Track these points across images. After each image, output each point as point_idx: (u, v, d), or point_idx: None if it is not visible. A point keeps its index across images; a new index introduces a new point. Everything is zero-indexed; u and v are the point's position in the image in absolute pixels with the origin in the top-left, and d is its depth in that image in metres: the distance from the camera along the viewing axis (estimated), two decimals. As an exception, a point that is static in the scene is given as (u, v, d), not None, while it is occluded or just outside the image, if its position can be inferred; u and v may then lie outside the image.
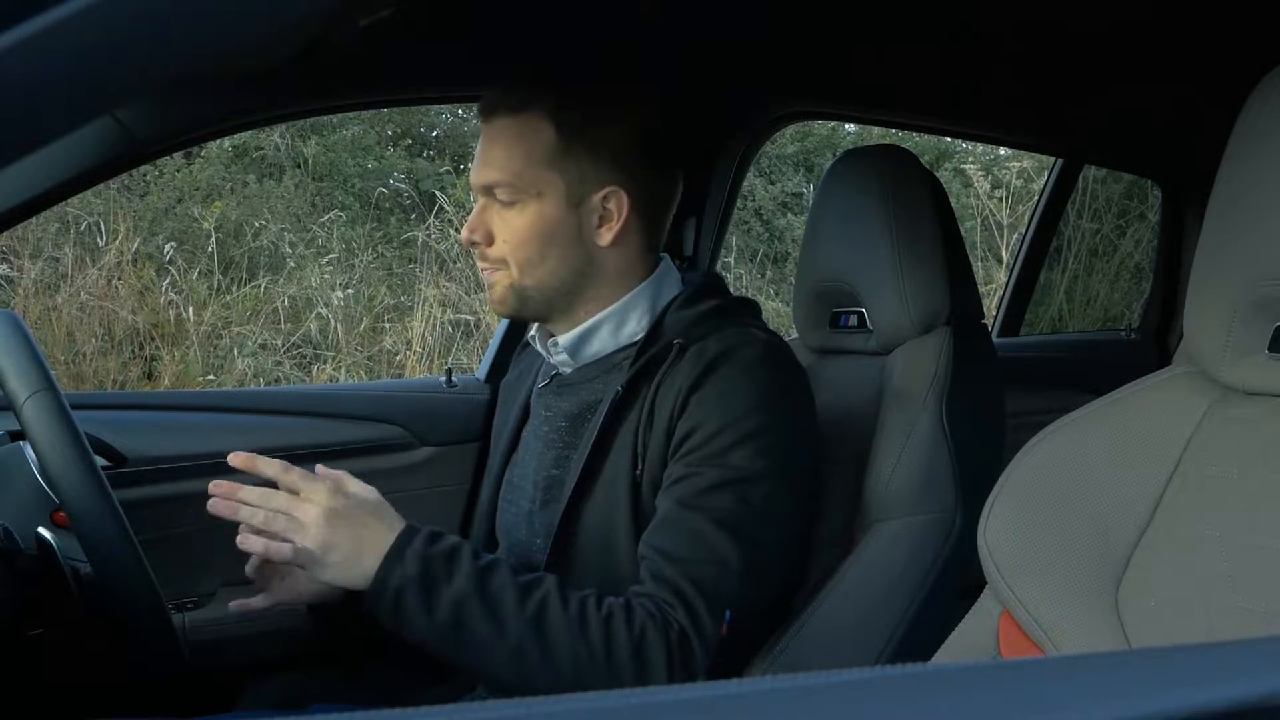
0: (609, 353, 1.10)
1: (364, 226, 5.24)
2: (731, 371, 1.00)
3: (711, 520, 0.95)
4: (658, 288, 1.11)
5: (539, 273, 1.06)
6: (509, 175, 1.04)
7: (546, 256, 1.06)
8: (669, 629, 0.92)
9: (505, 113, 1.05)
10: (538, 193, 1.04)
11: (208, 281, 4.61)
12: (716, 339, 1.03)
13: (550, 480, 1.10)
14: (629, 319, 1.10)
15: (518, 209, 1.05)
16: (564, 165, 1.04)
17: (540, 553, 1.07)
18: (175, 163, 5.16)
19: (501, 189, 1.04)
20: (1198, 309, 0.72)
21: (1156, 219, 2.57)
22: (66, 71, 0.36)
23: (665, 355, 1.03)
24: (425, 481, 1.62)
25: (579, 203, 1.06)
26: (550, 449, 1.12)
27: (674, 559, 0.95)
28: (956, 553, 1.13)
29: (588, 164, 1.05)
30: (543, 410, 1.16)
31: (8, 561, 1.08)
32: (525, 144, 1.04)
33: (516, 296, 1.07)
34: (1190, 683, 0.33)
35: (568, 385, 1.13)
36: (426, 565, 0.91)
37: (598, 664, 0.90)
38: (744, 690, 0.32)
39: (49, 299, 4.20)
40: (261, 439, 1.54)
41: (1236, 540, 0.66)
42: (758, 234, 6.20)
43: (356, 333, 4.58)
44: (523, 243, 1.05)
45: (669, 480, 0.99)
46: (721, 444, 0.97)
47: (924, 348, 1.21)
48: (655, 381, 1.02)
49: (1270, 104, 0.67)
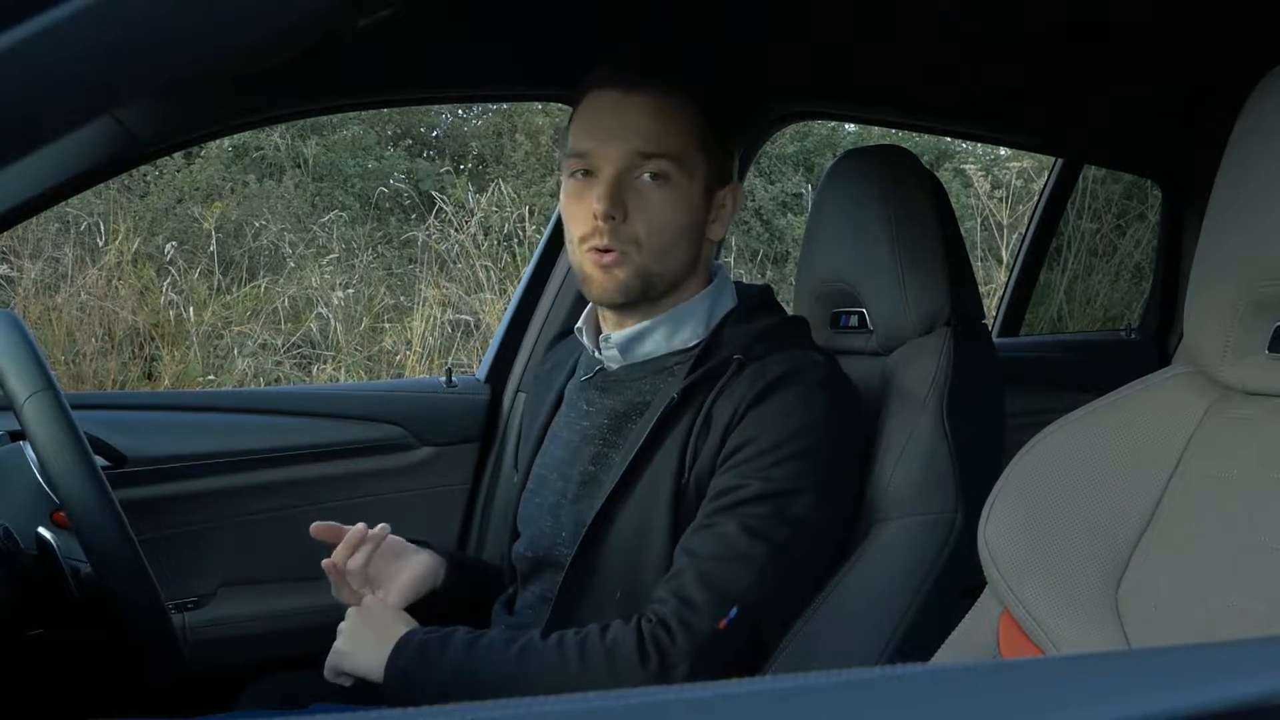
0: (659, 355, 1.09)
1: (364, 226, 5.24)
2: (792, 392, 1.00)
3: (740, 524, 0.96)
4: (716, 296, 1.11)
5: (668, 259, 1.04)
6: (672, 150, 1.01)
7: (678, 242, 1.04)
8: (643, 623, 0.94)
9: (655, 89, 1.01)
10: (690, 174, 1.03)
11: (208, 281, 4.61)
12: (778, 360, 1.02)
13: (585, 476, 1.09)
14: (685, 324, 1.09)
15: (667, 189, 1.02)
16: (711, 153, 1.05)
17: (565, 546, 1.07)
18: (175, 163, 5.16)
19: (657, 162, 1.01)
20: (1198, 309, 0.72)
21: (1156, 219, 2.57)
22: (66, 71, 0.36)
23: (725, 368, 1.02)
24: (425, 481, 1.62)
25: (711, 194, 1.07)
26: (589, 445, 1.11)
27: (692, 555, 0.96)
28: (956, 553, 1.13)
29: (725, 155, 1.07)
30: (583, 404, 1.14)
31: (8, 561, 1.08)
32: (681, 123, 1.02)
33: (642, 282, 1.03)
34: (1190, 683, 0.33)
35: (614, 382, 1.11)
36: (424, 653, 1.00)
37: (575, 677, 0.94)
38: (744, 690, 0.32)
39: (49, 299, 4.20)
40: (261, 439, 1.54)
41: (1236, 540, 0.66)
42: (758, 234, 6.19)
43: (356, 333, 4.58)
44: (665, 224, 1.02)
45: (713, 492, 0.99)
46: (769, 460, 0.97)
47: (924, 348, 1.21)
48: (712, 394, 1.02)
49: (1270, 104, 0.67)
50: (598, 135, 1.02)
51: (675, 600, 0.94)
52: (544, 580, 1.12)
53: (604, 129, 1.02)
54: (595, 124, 1.03)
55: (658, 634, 0.93)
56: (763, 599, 0.96)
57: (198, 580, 1.47)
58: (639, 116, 1.01)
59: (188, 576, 1.46)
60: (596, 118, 1.03)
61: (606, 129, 1.02)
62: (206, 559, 1.47)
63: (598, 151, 1.02)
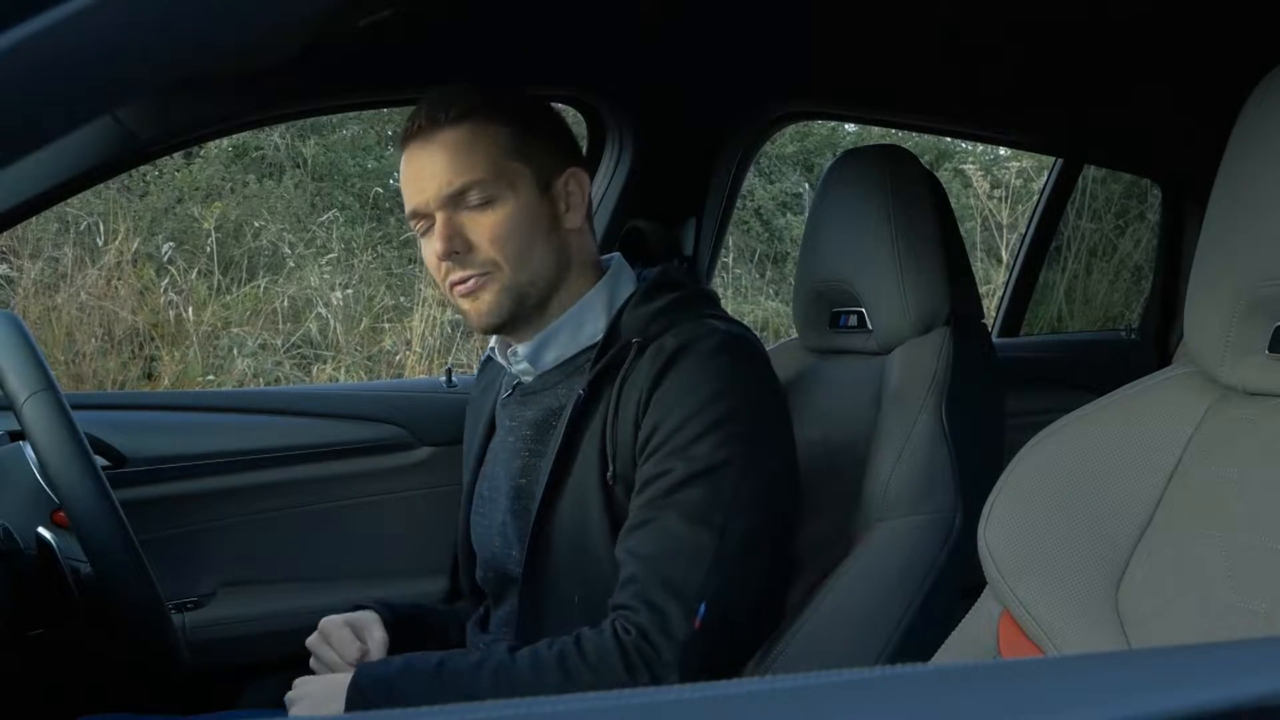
0: (569, 357, 1.10)
1: (364, 226, 5.23)
2: (689, 364, 0.99)
3: (680, 515, 0.95)
4: (612, 286, 1.10)
5: (532, 265, 1.04)
6: (478, 175, 1.02)
7: (533, 247, 1.05)
8: (621, 636, 0.92)
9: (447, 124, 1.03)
10: (511, 185, 1.03)
11: (208, 281, 4.61)
12: (674, 334, 1.01)
13: (518, 490, 1.10)
14: (586, 321, 1.09)
15: (494, 208, 1.03)
16: (528, 153, 1.05)
17: (515, 564, 1.07)
18: (175, 163, 5.16)
19: (473, 190, 1.02)
20: (1197, 309, 0.72)
21: (1156, 219, 2.57)
22: (66, 71, 0.36)
23: (625, 355, 1.02)
24: (425, 481, 1.62)
25: (548, 188, 1.06)
26: (516, 458, 1.11)
27: (643, 558, 0.95)
28: (956, 553, 1.13)
29: (548, 148, 1.07)
30: (507, 420, 1.15)
31: (8, 561, 1.08)
32: (484, 144, 1.03)
33: (513, 298, 1.05)
34: (1190, 683, 0.33)
35: (531, 394, 1.12)
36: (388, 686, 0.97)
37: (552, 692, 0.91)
38: (744, 690, 0.32)
39: (49, 299, 4.20)
40: (261, 439, 1.54)
41: (1236, 540, 0.66)
42: (757, 234, 6.19)
43: (356, 333, 4.58)
44: (509, 237, 1.03)
45: (640, 482, 0.98)
46: (685, 437, 0.96)
47: (924, 348, 1.21)
48: (617, 382, 1.02)
49: (1270, 104, 0.67)
50: (415, 188, 1.04)
51: (646, 609, 0.93)
52: (509, 598, 1.12)
53: (417, 181, 1.04)
54: (410, 178, 1.05)
55: (641, 647, 0.92)
56: (724, 587, 0.96)
57: (198, 580, 1.47)
58: (440, 156, 1.03)
59: (188, 576, 1.46)
60: (409, 172, 1.06)
61: (419, 180, 1.04)
62: (206, 559, 1.47)
63: (421, 206, 1.04)
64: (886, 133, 5.37)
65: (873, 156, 1.28)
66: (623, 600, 0.95)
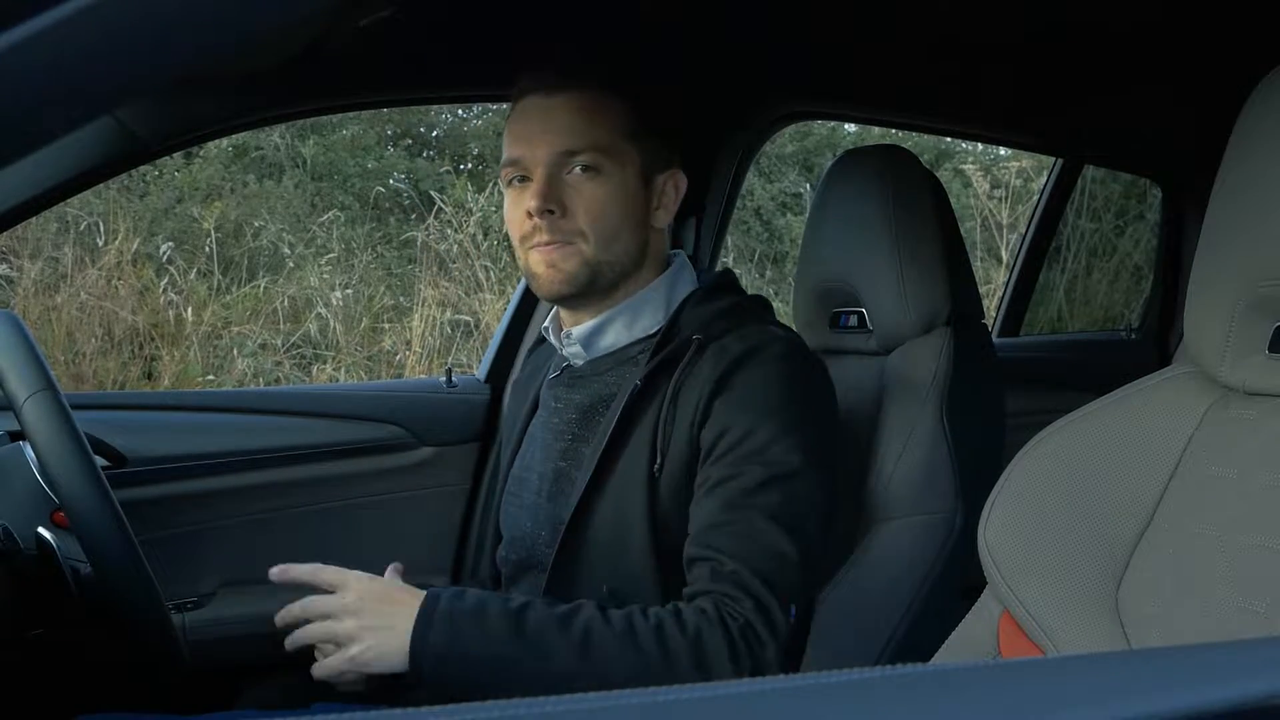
0: (622, 346, 1.10)
1: (363, 226, 5.23)
2: (757, 369, 1.00)
3: (765, 516, 0.95)
4: (673, 282, 1.11)
5: (616, 248, 1.05)
6: (593, 142, 1.03)
7: (621, 231, 1.06)
8: (729, 623, 0.91)
9: (575, 87, 1.04)
10: (619, 163, 1.05)
11: (207, 281, 4.61)
12: (737, 337, 1.02)
13: (558, 473, 1.09)
14: (644, 313, 1.09)
15: (600, 180, 1.04)
16: (642, 141, 1.06)
17: (546, 545, 1.06)
18: (175, 163, 5.16)
19: (585, 155, 1.03)
20: (1197, 309, 0.72)
21: (1156, 219, 2.57)
22: (66, 71, 0.36)
23: (684, 351, 1.03)
24: (425, 481, 1.62)
25: (649, 181, 1.08)
26: (559, 440, 1.11)
27: (734, 555, 0.94)
28: (956, 553, 1.13)
29: (660, 143, 1.08)
30: (552, 402, 1.15)
31: (8, 561, 1.08)
32: (605, 116, 1.04)
33: (590, 273, 1.05)
34: (1190, 683, 0.33)
35: (579, 378, 1.12)
36: (456, 626, 0.90)
37: (656, 676, 0.89)
38: (744, 690, 0.32)
39: (49, 299, 4.20)
40: (261, 439, 1.54)
41: (1236, 540, 0.66)
42: (757, 234, 6.19)
43: (356, 333, 4.58)
44: (604, 214, 1.04)
45: (709, 483, 0.98)
46: (759, 441, 0.97)
47: (924, 348, 1.21)
48: (675, 377, 1.02)
49: (1270, 104, 0.67)
50: (525, 140, 1.05)
51: (751, 601, 0.92)
52: (527, 583, 1.11)
53: (530, 133, 1.05)
54: (521, 130, 1.06)
55: (748, 637, 0.91)
56: (806, 590, 0.98)
57: (198, 580, 1.47)
58: (561, 115, 1.04)
59: (188, 576, 1.46)
60: (522, 124, 1.06)
61: (532, 133, 1.04)
62: (206, 559, 1.47)
63: (527, 156, 1.04)
64: (886, 133, 5.37)
65: (873, 156, 1.28)
66: (721, 588, 0.93)
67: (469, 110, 6.39)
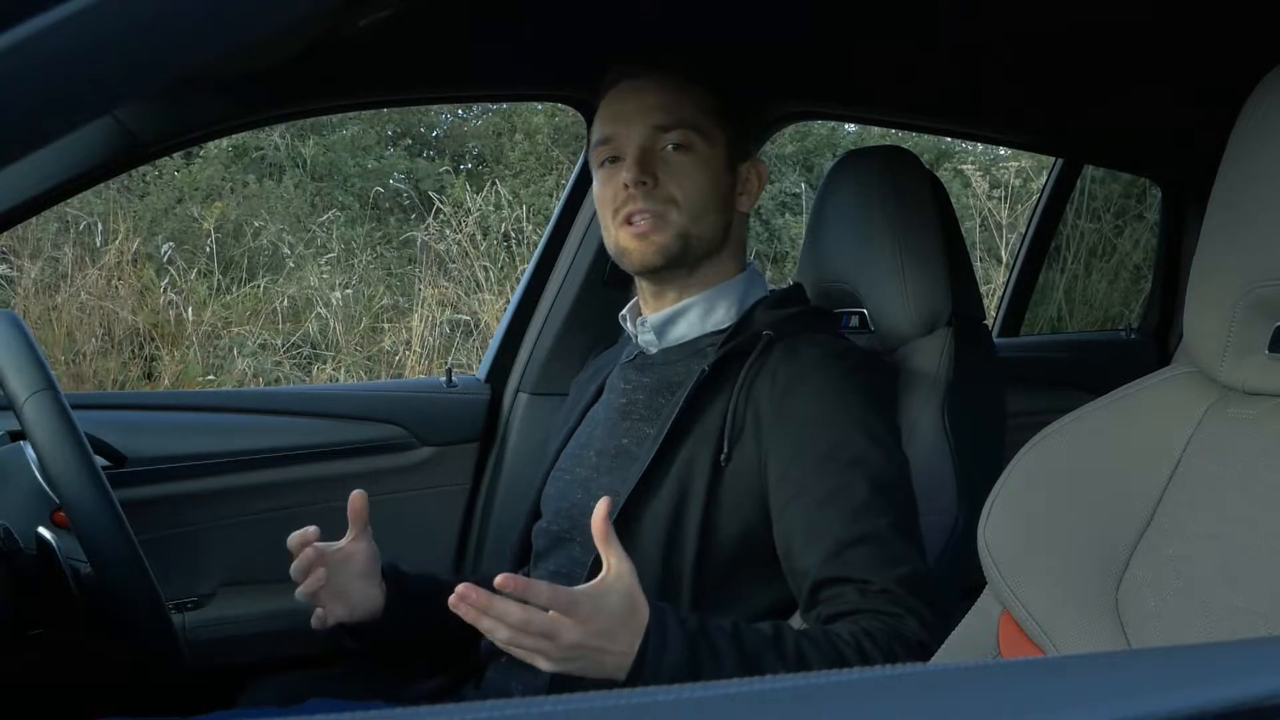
0: (694, 338, 1.13)
1: (363, 226, 5.24)
2: (833, 371, 1.02)
3: (890, 528, 0.95)
4: (747, 285, 1.15)
5: (705, 221, 1.09)
6: (685, 119, 1.07)
7: (709, 205, 1.10)
8: (909, 640, 0.91)
9: (664, 72, 1.09)
10: (709, 141, 1.09)
11: (207, 281, 4.61)
12: (809, 339, 1.05)
13: (619, 450, 1.10)
14: (718, 306, 1.12)
15: (691, 155, 1.08)
16: (727, 127, 1.11)
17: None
18: (175, 163, 5.16)
19: (676, 133, 1.07)
20: (1197, 309, 0.72)
21: (1156, 219, 2.57)
22: (66, 71, 0.36)
23: (753, 344, 1.05)
24: (425, 481, 1.62)
25: (734, 166, 1.12)
26: (625, 419, 1.13)
27: (878, 574, 0.93)
28: (956, 552, 1.13)
29: (741, 133, 1.13)
30: (621, 384, 1.17)
31: (8, 561, 1.08)
32: (693, 97, 1.09)
33: (681, 244, 1.08)
34: (1190, 683, 0.33)
35: (650, 364, 1.15)
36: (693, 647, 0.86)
37: None
38: (744, 690, 0.32)
39: (49, 299, 4.20)
40: (261, 439, 1.54)
41: (1236, 540, 0.66)
42: (756, 234, 6.19)
43: (356, 333, 4.58)
44: (695, 185, 1.08)
45: (817, 494, 0.96)
46: (857, 449, 0.98)
47: (925, 348, 1.21)
48: (745, 369, 1.04)
49: (1270, 104, 0.67)
50: (619, 119, 1.09)
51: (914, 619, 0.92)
52: (560, 556, 1.11)
53: (624, 112, 1.09)
54: (615, 110, 1.10)
55: (918, 654, 0.91)
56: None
57: (198, 580, 1.47)
58: (653, 94, 1.08)
59: (188, 576, 1.46)
60: (616, 105, 1.10)
61: (626, 111, 1.09)
62: (206, 559, 1.47)
63: (619, 135, 1.09)
64: (886, 133, 5.38)
65: (873, 157, 1.28)
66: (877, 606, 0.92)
67: (469, 110, 6.39)
